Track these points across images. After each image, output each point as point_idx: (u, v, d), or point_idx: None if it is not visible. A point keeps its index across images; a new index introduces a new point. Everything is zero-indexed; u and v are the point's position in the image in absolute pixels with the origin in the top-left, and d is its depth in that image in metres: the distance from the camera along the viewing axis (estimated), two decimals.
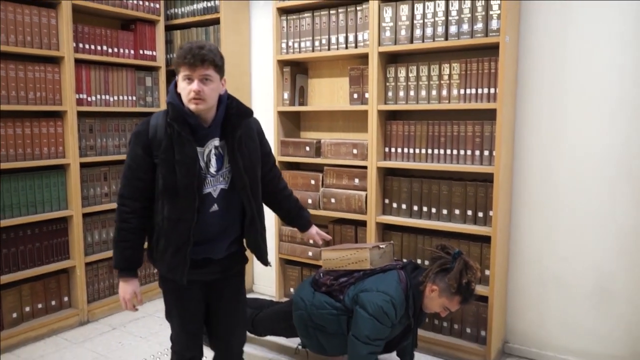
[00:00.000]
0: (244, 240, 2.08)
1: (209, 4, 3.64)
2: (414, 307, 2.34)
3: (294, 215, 2.35)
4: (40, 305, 3.16)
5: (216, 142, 1.92)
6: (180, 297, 2.00)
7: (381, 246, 2.53)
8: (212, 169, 1.91)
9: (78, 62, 3.21)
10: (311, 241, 2.82)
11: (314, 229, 2.42)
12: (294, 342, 2.77)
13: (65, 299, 3.29)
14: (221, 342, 2.12)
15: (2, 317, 2.97)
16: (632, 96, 2.51)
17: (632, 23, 2.47)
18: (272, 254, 3.55)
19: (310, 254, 3.25)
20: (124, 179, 1.92)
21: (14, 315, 3.03)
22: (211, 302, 2.09)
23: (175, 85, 1.89)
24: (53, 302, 3.22)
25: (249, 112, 1.99)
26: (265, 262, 2.15)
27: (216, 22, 3.62)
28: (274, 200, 2.28)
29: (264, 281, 3.89)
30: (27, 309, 3.09)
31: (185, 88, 1.81)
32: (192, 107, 1.82)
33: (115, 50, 3.46)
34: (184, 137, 1.83)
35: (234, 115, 1.93)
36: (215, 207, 1.93)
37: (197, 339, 2.09)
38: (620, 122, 2.55)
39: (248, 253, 2.15)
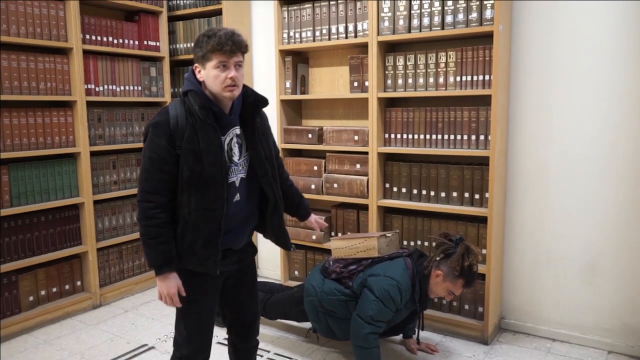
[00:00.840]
0: (265, 228, 2.05)
1: None
2: (420, 292, 2.47)
3: (296, 205, 2.31)
4: (54, 289, 3.28)
5: (237, 130, 1.89)
6: (204, 290, 1.94)
7: (388, 235, 2.66)
8: (235, 158, 1.88)
9: (86, 53, 3.30)
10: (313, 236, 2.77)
11: (312, 217, 2.40)
12: (301, 325, 2.90)
13: (78, 283, 3.41)
14: (246, 325, 2.11)
15: (19, 301, 3.09)
16: (620, 80, 2.63)
17: (618, 10, 2.59)
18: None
19: (314, 237, 3.37)
20: (145, 172, 1.81)
21: (31, 298, 3.15)
22: (230, 293, 2.06)
23: (193, 74, 1.85)
24: (67, 286, 3.34)
25: (265, 100, 1.96)
26: (289, 246, 2.14)
27: (218, 12, 3.72)
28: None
29: (269, 265, 4.03)
30: (43, 292, 3.21)
31: (220, 75, 1.76)
32: (227, 94, 1.78)
33: (121, 41, 3.55)
34: (208, 125, 1.79)
35: (252, 104, 1.91)
36: (237, 197, 1.90)
37: (208, 340, 2.02)
38: (609, 106, 2.67)
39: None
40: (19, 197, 3.04)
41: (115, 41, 3.51)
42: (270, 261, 3.99)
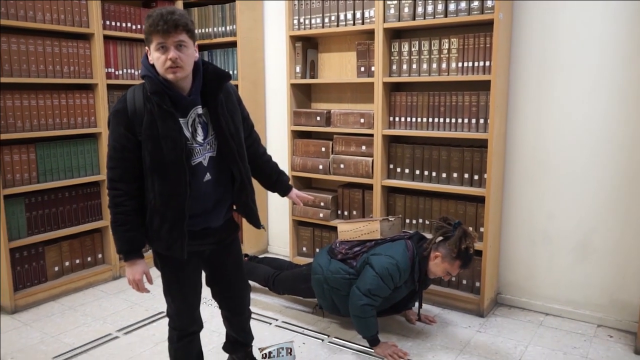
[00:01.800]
0: (234, 206, 2.07)
1: None
2: (420, 272, 2.64)
3: (275, 180, 2.28)
4: (77, 261, 3.50)
5: (199, 110, 1.85)
6: (181, 270, 1.97)
7: (390, 219, 2.84)
8: (199, 138, 1.85)
9: (106, 38, 3.48)
10: (321, 214, 2.90)
11: (294, 192, 2.37)
12: (307, 300, 3.09)
13: (99, 255, 3.63)
14: (236, 300, 2.18)
15: (46, 270, 3.32)
16: (614, 68, 2.74)
17: (619, 2, 2.69)
18: (285, 216, 3.88)
19: (321, 215, 3.55)
20: (110, 161, 1.81)
21: (56, 269, 3.37)
22: (217, 271, 2.10)
23: (147, 57, 1.81)
24: (89, 259, 3.57)
25: (227, 74, 1.90)
26: (258, 225, 2.11)
27: None
28: (254, 165, 2.15)
29: (278, 242, 4.22)
30: (67, 263, 3.44)
31: (160, 57, 1.72)
32: (169, 76, 1.74)
33: (139, 27, 3.71)
34: (165, 110, 1.76)
35: (213, 80, 1.86)
36: (208, 176, 1.89)
37: (198, 312, 2.09)
38: (604, 93, 2.79)
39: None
40: (45, 174, 3.24)
41: (134, 27, 3.68)
42: (279, 237, 4.18)
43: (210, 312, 3.09)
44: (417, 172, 3.21)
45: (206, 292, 2.17)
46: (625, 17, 2.68)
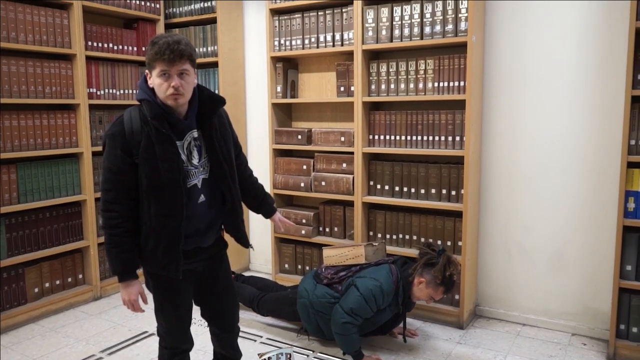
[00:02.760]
0: (225, 226, 2.11)
1: (206, 4, 3.95)
2: (403, 296, 2.71)
3: (260, 202, 2.32)
4: (58, 282, 3.47)
5: (194, 133, 1.90)
6: (174, 289, 1.98)
7: (374, 244, 2.92)
8: (195, 160, 1.90)
9: (88, 58, 3.50)
10: (303, 231, 2.93)
11: (277, 216, 2.41)
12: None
13: (80, 276, 3.60)
14: (226, 316, 2.20)
15: (26, 292, 3.27)
16: (582, 87, 2.90)
17: (583, 24, 2.86)
18: (267, 233, 3.92)
19: (303, 232, 3.60)
20: (105, 183, 1.83)
21: (36, 290, 3.34)
22: (207, 288, 2.11)
23: (145, 81, 1.86)
24: (69, 279, 3.53)
25: (222, 99, 1.96)
26: (246, 244, 2.15)
27: (213, 21, 3.93)
28: (241, 186, 2.16)
29: (260, 259, 4.24)
30: (47, 284, 3.40)
31: (163, 84, 1.77)
32: (170, 102, 1.79)
33: (120, 47, 3.75)
34: (163, 134, 1.79)
35: (208, 105, 1.92)
36: (202, 198, 1.93)
37: (190, 330, 2.12)
38: (572, 110, 2.94)
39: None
40: (25, 195, 3.23)
41: (116, 47, 3.71)
42: (261, 254, 4.21)
43: (194, 330, 3.08)
44: (397, 188, 3.30)
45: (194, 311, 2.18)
46: (591, 37, 2.84)
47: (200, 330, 3.07)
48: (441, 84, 3.07)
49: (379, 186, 3.37)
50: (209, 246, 2.04)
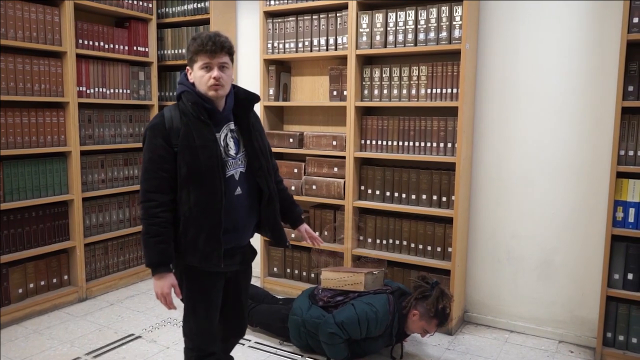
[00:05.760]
0: (261, 223, 2.10)
1: (199, 5, 3.93)
2: (398, 327, 2.72)
3: (286, 210, 2.28)
4: (42, 283, 3.41)
5: (231, 125, 1.98)
6: (210, 288, 1.99)
7: (374, 272, 2.91)
8: (232, 152, 1.95)
9: (78, 56, 3.46)
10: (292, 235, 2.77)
11: (304, 227, 2.39)
12: None
13: (66, 277, 3.54)
14: (241, 321, 2.21)
15: (9, 292, 3.21)
16: (574, 98, 2.93)
17: (571, 32, 2.89)
18: (256, 236, 3.88)
19: (292, 235, 3.58)
20: (146, 173, 1.87)
21: (20, 290, 3.27)
22: (231, 293, 2.11)
23: (186, 77, 1.94)
24: (54, 280, 3.47)
25: (256, 95, 2.04)
26: (284, 242, 2.16)
27: (206, 22, 3.91)
28: None
29: None
30: (31, 285, 3.34)
31: (204, 76, 1.85)
32: (212, 93, 1.86)
33: (112, 46, 3.71)
34: (202, 121, 1.87)
35: (244, 100, 2.00)
36: (239, 190, 1.95)
37: (216, 332, 2.09)
38: (563, 120, 2.97)
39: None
40: (11, 193, 3.17)
41: (107, 46, 3.67)
42: None
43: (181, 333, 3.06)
44: (388, 193, 3.30)
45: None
46: (583, 48, 2.88)
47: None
48: (434, 91, 3.08)
49: (370, 191, 3.37)
50: (244, 247, 2.06)
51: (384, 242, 3.34)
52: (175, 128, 1.87)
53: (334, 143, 3.42)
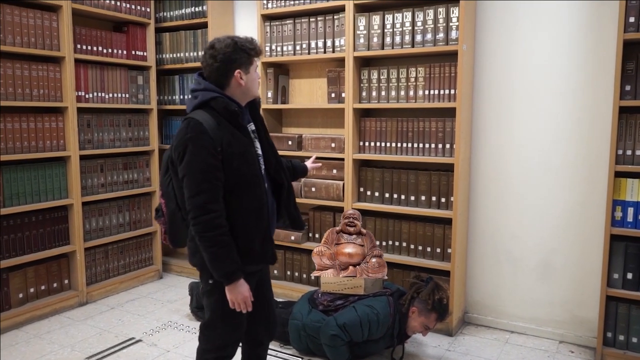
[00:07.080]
0: (280, 214, 2.11)
1: (197, 9, 3.94)
2: (399, 328, 2.72)
3: (291, 170, 2.32)
4: (43, 287, 3.41)
5: (252, 126, 2.01)
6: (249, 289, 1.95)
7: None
8: (259, 151, 1.99)
9: (77, 61, 3.47)
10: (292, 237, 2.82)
11: (309, 166, 2.50)
12: None
13: (66, 281, 3.55)
14: (273, 322, 2.20)
15: (9, 297, 3.22)
16: (572, 98, 2.93)
17: (568, 32, 2.90)
18: None
19: (292, 237, 3.59)
20: (197, 186, 1.79)
21: (20, 295, 3.28)
22: (260, 291, 2.08)
23: (204, 79, 1.95)
24: (55, 284, 3.48)
25: (259, 96, 2.15)
26: (302, 226, 2.20)
27: (204, 25, 3.92)
28: None
29: None
30: (32, 290, 3.35)
31: (258, 77, 1.98)
32: (258, 93, 2.01)
33: (110, 50, 3.72)
34: (238, 127, 1.88)
35: (254, 101, 2.05)
36: (266, 186, 1.99)
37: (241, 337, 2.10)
38: (561, 120, 2.97)
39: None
40: (11, 198, 3.18)
41: (105, 51, 3.68)
42: None
43: (182, 337, 3.07)
44: (387, 195, 3.31)
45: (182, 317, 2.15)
46: (580, 48, 2.88)
47: (188, 337, 3.03)
48: (432, 92, 3.08)
49: (369, 193, 3.37)
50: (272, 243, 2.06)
51: (384, 243, 3.34)
52: (219, 136, 1.82)
53: (333, 145, 3.42)
